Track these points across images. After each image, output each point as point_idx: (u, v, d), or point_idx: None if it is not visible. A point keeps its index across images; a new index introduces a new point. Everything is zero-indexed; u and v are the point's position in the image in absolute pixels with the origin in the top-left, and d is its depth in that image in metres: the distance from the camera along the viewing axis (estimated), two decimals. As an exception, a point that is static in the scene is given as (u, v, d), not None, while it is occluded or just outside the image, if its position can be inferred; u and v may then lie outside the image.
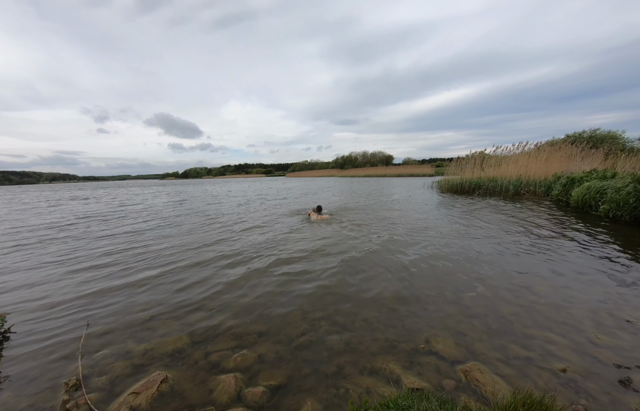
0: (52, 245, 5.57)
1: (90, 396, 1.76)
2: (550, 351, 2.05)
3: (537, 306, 2.68)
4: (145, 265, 4.16)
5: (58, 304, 3.00)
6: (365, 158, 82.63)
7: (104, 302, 3.02)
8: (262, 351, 2.15)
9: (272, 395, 1.75)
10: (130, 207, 11.93)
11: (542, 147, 13.49)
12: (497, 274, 3.47)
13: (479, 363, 1.94)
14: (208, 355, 2.12)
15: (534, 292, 2.97)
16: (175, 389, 1.81)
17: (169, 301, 3.00)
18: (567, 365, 1.90)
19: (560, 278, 3.31)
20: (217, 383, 1.83)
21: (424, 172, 42.30)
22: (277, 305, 2.85)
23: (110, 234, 6.40)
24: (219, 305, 2.88)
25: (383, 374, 1.88)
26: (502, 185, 12.45)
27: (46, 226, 7.74)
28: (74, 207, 12.62)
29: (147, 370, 1.97)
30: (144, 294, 3.19)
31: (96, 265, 4.23)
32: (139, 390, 1.79)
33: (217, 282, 3.48)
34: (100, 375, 1.96)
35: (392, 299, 2.90)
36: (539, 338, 2.20)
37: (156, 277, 3.67)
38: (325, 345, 2.20)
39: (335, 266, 3.88)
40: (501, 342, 2.17)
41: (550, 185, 10.80)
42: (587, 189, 7.65)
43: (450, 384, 1.78)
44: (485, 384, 1.75)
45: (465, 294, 2.96)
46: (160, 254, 4.69)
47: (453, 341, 2.19)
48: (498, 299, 2.84)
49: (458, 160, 16.33)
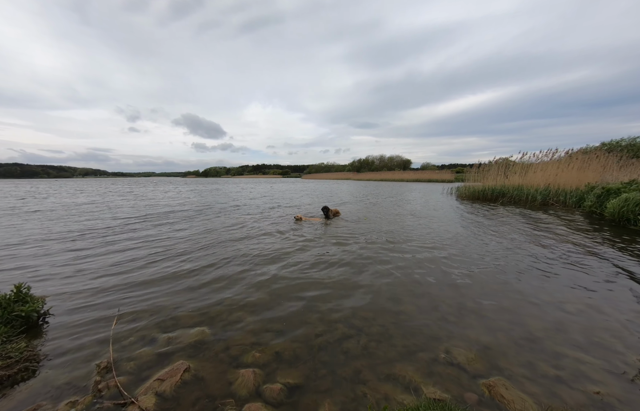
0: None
1: (119, 379, 1.87)
2: (583, 371, 1.93)
3: (568, 323, 2.53)
4: (171, 258, 4.35)
5: (94, 289, 3.20)
6: (382, 162, 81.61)
7: (133, 291, 3.20)
8: (280, 350, 2.18)
9: (290, 394, 1.77)
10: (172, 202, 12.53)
11: (574, 155, 12.69)
12: (523, 287, 3.30)
13: (504, 379, 1.86)
14: (228, 348, 2.18)
15: (564, 309, 2.80)
16: (197, 378, 1.88)
17: (191, 294, 3.12)
18: (602, 388, 1.78)
19: (594, 295, 3.09)
20: (237, 377, 1.88)
21: (443, 178, 41.05)
22: (294, 305, 2.88)
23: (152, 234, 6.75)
24: (239, 301, 2.96)
25: (401, 381, 1.84)
26: (529, 194, 11.82)
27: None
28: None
29: (171, 359, 2.06)
30: (169, 286, 3.33)
31: (125, 256, 4.48)
32: (164, 377, 1.87)
33: (237, 279, 3.57)
34: (129, 360, 2.07)
35: (410, 306, 2.84)
36: (570, 357, 2.07)
37: (182, 271, 3.83)
38: (342, 348, 2.19)
39: (349, 271, 3.87)
40: (528, 358, 2.07)
41: (583, 196, 10.13)
42: (624, 201, 7.10)
43: (473, 398, 1.72)
44: (511, 401, 1.68)
45: (489, 306, 2.84)
46: (185, 250, 4.89)
47: (475, 353, 2.11)
48: (524, 313, 2.71)
49: (480, 166, 15.72)
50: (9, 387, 1.81)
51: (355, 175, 70.18)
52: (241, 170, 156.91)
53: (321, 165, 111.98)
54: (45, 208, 10.39)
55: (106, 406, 1.66)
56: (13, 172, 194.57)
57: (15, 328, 2.32)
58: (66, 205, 11.40)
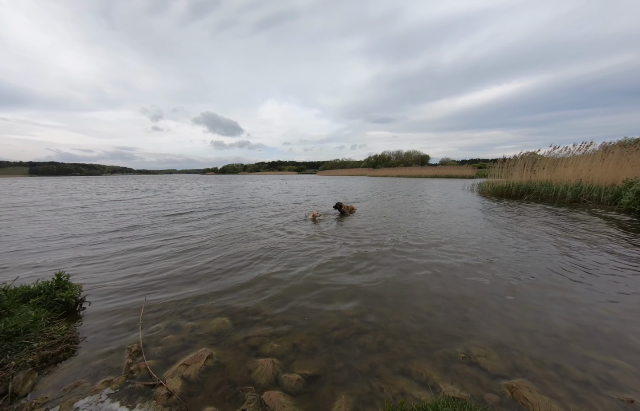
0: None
1: (149, 362, 2.00)
2: (614, 378, 1.82)
3: (599, 327, 2.39)
4: (193, 251, 4.56)
5: (125, 277, 3.43)
6: (399, 157, 79.92)
7: (160, 280, 3.39)
8: (297, 342, 2.23)
9: (308, 384, 1.81)
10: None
11: (610, 148, 11.75)
12: (551, 288, 3.15)
13: (527, 381, 1.80)
14: (247, 338, 2.27)
15: (595, 312, 2.64)
16: (219, 365, 1.97)
17: (214, 285, 3.26)
18: (635, 396, 1.67)
19: (629, 299, 2.89)
20: (256, 365, 1.95)
21: (464, 174, 39.51)
22: (311, 298, 2.93)
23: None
24: (258, 293, 3.05)
25: (418, 378, 1.83)
26: (558, 191, 11.12)
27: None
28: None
29: (195, 346, 2.18)
30: (193, 276, 3.50)
31: (160, 251, 4.74)
32: (189, 362, 1.98)
33: (257, 273, 3.68)
34: (156, 345, 2.21)
35: (428, 304, 2.80)
36: (600, 362, 1.96)
37: (204, 263, 4.00)
38: (358, 342, 2.21)
39: (366, 266, 3.86)
40: (553, 361, 1.98)
41: (620, 192, 9.38)
42: (668, 198, 6.50)
43: (494, 399, 1.68)
44: (534, 404, 1.62)
45: (512, 306, 2.74)
46: (208, 245, 5.09)
47: (496, 354, 2.05)
48: (551, 314, 2.58)
49: (504, 161, 14.98)
50: (53, 365, 2.00)
51: (371, 171, 69.25)
52: (257, 167, 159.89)
53: (336, 162, 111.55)
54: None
55: (137, 387, 1.79)
56: (50, 170, 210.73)
57: (57, 313, 2.55)
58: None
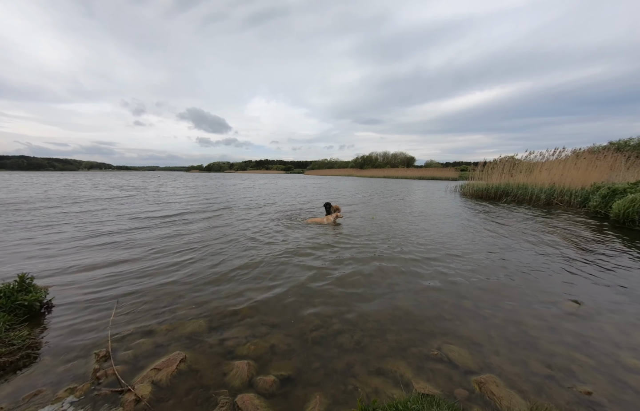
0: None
1: (117, 367, 1.91)
2: (574, 371, 1.93)
3: (564, 323, 2.52)
4: (173, 251, 4.42)
5: (98, 280, 3.27)
6: (385, 158, 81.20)
7: (133, 282, 3.25)
8: (275, 342, 2.21)
9: (282, 385, 1.80)
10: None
11: (581, 154, 12.48)
12: (521, 286, 3.29)
13: (495, 376, 1.87)
14: (223, 340, 2.22)
15: (561, 308, 2.79)
16: (193, 369, 1.92)
17: (190, 286, 3.16)
18: (593, 387, 1.78)
19: (593, 296, 3.08)
20: (231, 368, 1.92)
21: (447, 176, 40.72)
22: (291, 299, 2.91)
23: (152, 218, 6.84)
24: (236, 294, 3.00)
25: (392, 376, 1.87)
26: (533, 193, 11.69)
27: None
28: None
29: (168, 349, 2.11)
30: (168, 277, 3.38)
31: (132, 247, 4.55)
32: (160, 367, 1.92)
33: (235, 273, 3.61)
34: (127, 349, 2.12)
35: (406, 303, 2.85)
36: (563, 357, 2.07)
37: (183, 264, 3.88)
38: (336, 342, 2.22)
39: (349, 267, 3.88)
40: (520, 357, 2.07)
41: (588, 196, 9.99)
42: (631, 202, 6.99)
43: (463, 393, 1.74)
44: (500, 398, 1.69)
45: (484, 304, 2.84)
46: (187, 244, 4.95)
47: (467, 351, 2.12)
48: (520, 312, 2.70)
49: (485, 164, 15.56)
50: (11, 373, 1.87)
51: (358, 172, 69.95)
52: (244, 165, 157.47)
53: (324, 162, 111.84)
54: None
55: (104, 394, 1.71)
56: (20, 164, 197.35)
57: (19, 317, 2.39)
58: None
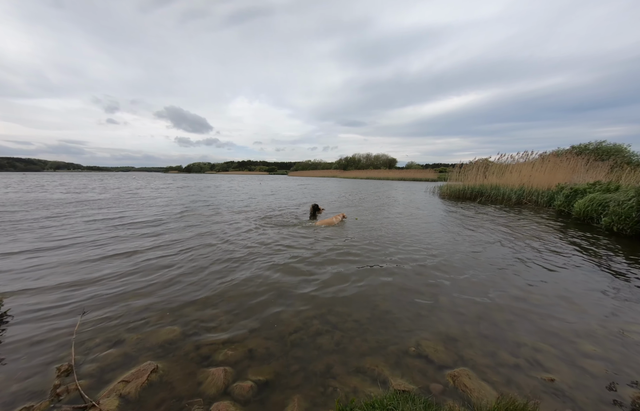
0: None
1: (81, 382, 1.78)
2: (539, 360, 2.05)
3: (531, 315, 2.68)
4: (146, 257, 4.20)
5: (58, 288, 3.03)
6: (368, 160, 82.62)
7: (102, 290, 3.06)
8: (253, 347, 2.16)
9: (260, 390, 1.76)
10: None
11: (547, 157, 13.39)
12: (492, 282, 3.46)
13: (468, 369, 1.95)
14: (199, 347, 2.14)
15: (528, 301, 2.97)
16: (165, 379, 1.83)
17: (164, 293, 3.02)
18: (555, 374, 1.90)
19: (556, 288, 3.30)
20: (206, 376, 1.85)
21: (427, 177, 42.09)
22: (271, 302, 2.87)
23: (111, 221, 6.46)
24: (214, 299, 2.90)
25: (371, 374, 1.89)
26: (505, 194, 12.38)
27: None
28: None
29: (138, 360, 2.00)
30: (140, 283, 3.21)
31: (100, 253, 4.27)
32: (129, 379, 1.81)
33: (213, 277, 3.50)
34: (92, 362, 1.98)
35: (385, 302, 2.90)
36: (529, 347, 2.20)
37: (154, 269, 3.70)
38: (315, 344, 2.21)
39: (331, 268, 3.89)
40: (492, 349, 2.17)
41: (553, 196, 10.72)
42: (589, 201, 7.59)
43: (438, 388, 1.79)
44: (472, 389, 1.76)
45: (460, 300, 2.96)
46: (161, 249, 4.73)
47: (443, 346, 2.19)
48: (492, 307, 2.84)
49: (461, 166, 16.26)
50: (-45, 395, 1.69)
51: (342, 173, 70.58)
52: (226, 166, 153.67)
53: (308, 163, 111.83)
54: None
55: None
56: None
57: (-34, 332, 2.17)
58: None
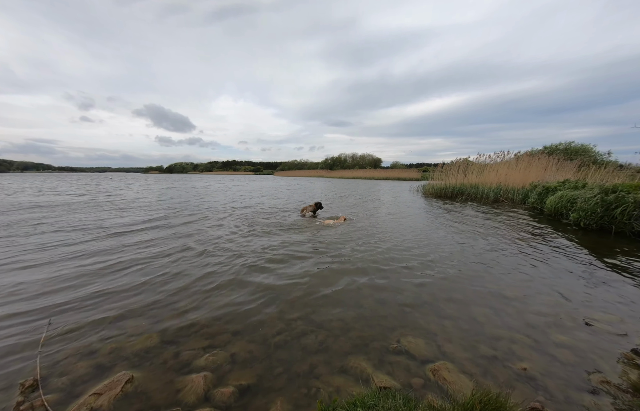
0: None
1: (47, 397, 1.67)
2: (514, 351, 2.14)
3: (507, 308, 2.80)
4: (119, 260, 4.01)
5: (20, 294, 2.83)
6: (354, 160, 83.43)
7: (71, 298, 2.88)
8: (235, 351, 2.12)
9: (242, 395, 1.73)
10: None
11: (521, 157, 14.09)
12: (472, 277, 3.59)
13: (448, 362, 2.00)
14: (178, 354, 2.07)
15: (504, 295, 3.10)
16: (141, 390, 1.75)
17: (140, 298, 2.90)
18: (528, 364, 1.99)
19: (529, 281, 3.47)
20: (185, 383, 1.79)
21: (411, 176, 43.11)
22: (254, 304, 2.82)
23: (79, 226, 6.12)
24: (194, 303, 2.82)
25: (354, 373, 1.90)
26: (483, 192, 12.90)
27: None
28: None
29: (112, 370, 1.90)
30: (114, 289, 3.06)
31: (68, 258, 4.03)
32: (102, 391, 1.72)
33: (193, 281, 3.40)
34: (61, 375, 1.86)
35: (370, 300, 2.93)
36: (505, 339, 2.30)
37: (129, 274, 3.54)
38: (300, 344, 2.20)
39: (315, 268, 3.89)
40: (470, 342, 2.25)
41: (527, 194, 11.30)
42: (559, 198, 8.05)
43: (419, 382, 1.83)
44: (451, 382, 1.81)
45: (441, 296, 3.04)
46: (136, 252, 4.53)
47: (424, 341, 2.24)
48: (470, 301, 2.94)
49: (443, 166, 16.78)
50: None
51: (328, 173, 70.84)
52: (210, 166, 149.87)
53: (294, 163, 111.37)
54: None
55: (28, 430, 1.48)
56: None
57: None
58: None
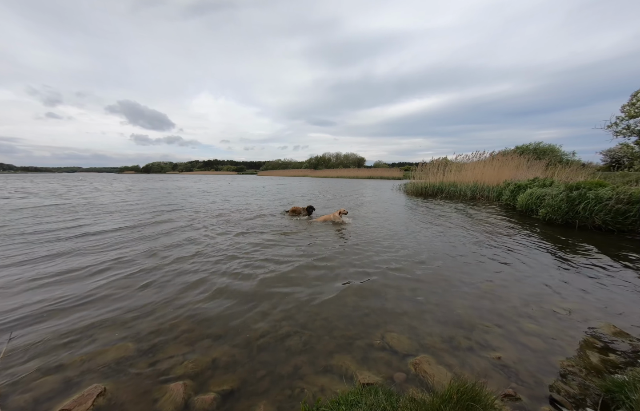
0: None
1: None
2: (488, 341, 2.25)
3: (481, 300, 2.93)
4: (92, 264, 3.77)
5: None
6: (338, 159, 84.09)
7: (35, 307, 2.67)
8: (217, 356, 2.06)
9: (224, 401, 1.68)
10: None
11: (495, 157, 14.85)
12: (451, 272, 3.73)
13: (428, 355, 2.07)
14: (155, 363, 1.98)
15: (479, 287, 3.25)
16: (114, 402, 1.66)
17: (113, 306, 2.74)
18: (502, 353, 2.10)
19: (501, 274, 3.66)
20: (163, 393, 1.71)
21: (393, 175, 44.11)
22: (237, 308, 2.76)
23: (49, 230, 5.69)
24: (172, 310, 2.71)
25: (338, 372, 1.91)
26: (461, 190, 13.46)
27: None
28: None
29: (82, 384, 1.78)
30: (86, 299, 2.88)
31: (32, 262, 3.73)
32: (70, 406, 1.61)
33: (172, 286, 3.27)
34: (23, 392, 1.72)
35: (353, 298, 2.96)
36: (481, 330, 2.41)
37: (99, 279, 3.34)
38: (284, 346, 2.18)
39: (297, 266, 3.87)
40: (449, 334, 2.34)
41: (501, 191, 11.91)
42: (529, 195, 8.56)
43: (401, 376, 1.87)
44: (432, 375, 1.87)
45: (421, 291, 3.13)
46: (108, 251, 4.28)
47: (406, 336, 2.30)
48: (448, 295, 3.05)
49: (423, 165, 17.32)
50: None
51: (312, 172, 70.85)
52: (190, 165, 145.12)
53: (278, 162, 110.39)
54: None
55: (-16, 454, 1.36)
56: None
57: None
58: None
